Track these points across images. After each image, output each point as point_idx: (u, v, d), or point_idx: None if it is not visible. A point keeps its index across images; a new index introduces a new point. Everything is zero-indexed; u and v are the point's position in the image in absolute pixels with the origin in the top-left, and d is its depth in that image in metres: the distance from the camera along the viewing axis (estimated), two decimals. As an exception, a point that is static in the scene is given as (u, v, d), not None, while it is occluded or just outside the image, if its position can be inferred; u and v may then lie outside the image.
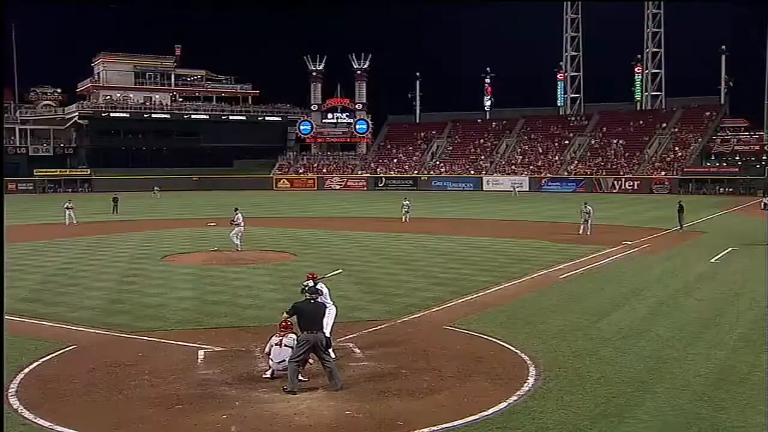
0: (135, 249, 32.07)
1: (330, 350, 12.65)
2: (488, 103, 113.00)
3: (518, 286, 22.09)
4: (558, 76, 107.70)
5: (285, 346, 12.42)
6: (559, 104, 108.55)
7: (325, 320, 12.63)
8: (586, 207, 36.52)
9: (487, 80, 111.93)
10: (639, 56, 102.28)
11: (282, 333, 12.70)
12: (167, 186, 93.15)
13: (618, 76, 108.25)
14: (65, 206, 45.29)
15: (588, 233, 35.24)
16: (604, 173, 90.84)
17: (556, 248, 31.19)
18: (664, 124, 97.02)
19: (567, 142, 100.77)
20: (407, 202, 46.10)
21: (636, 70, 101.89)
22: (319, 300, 12.68)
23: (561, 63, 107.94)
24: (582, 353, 14.08)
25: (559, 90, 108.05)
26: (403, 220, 44.65)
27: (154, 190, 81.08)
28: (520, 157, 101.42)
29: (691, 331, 15.92)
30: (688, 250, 30.36)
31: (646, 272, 24.41)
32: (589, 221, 36.19)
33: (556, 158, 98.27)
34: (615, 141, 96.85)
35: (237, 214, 31.20)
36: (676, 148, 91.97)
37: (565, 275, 23.90)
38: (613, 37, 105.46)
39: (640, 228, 40.31)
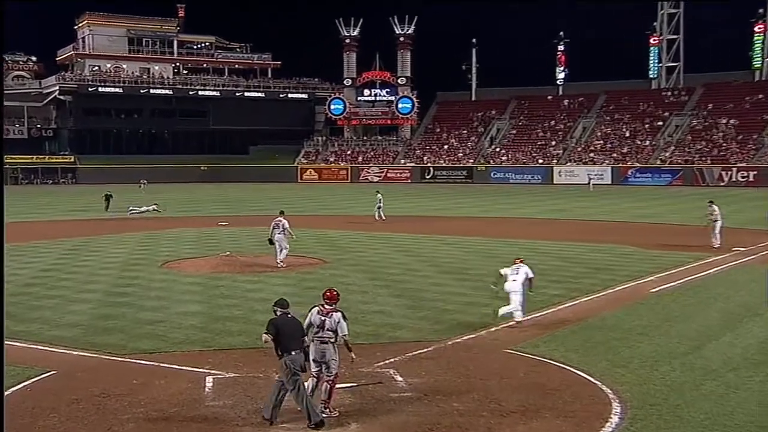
0: (129, 253, 32.48)
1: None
2: (561, 75, 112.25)
3: (598, 301, 21.93)
4: (651, 40, 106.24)
5: (328, 329, 12.34)
6: (651, 75, 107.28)
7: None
8: (711, 207, 33.75)
9: (560, 47, 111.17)
10: (761, 10, 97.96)
11: (327, 310, 12.46)
12: (169, 177, 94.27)
13: (730, 38, 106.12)
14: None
15: (717, 242, 32.68)
16: (708, 162, 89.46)
17: (646, 255, 30.84)
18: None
19: (661, 123, 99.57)
20: (380, 195, 46.14)
21: (756, 29, 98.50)
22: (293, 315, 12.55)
23: (655, 23, 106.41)
24: (680, 387, 13.86)
25: (651, 58, 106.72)
26: (377, 217, 45.06)
27: (141, 184, 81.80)
28: (601, 142, 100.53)
29: (821, 362, 15.55)
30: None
31: (764, 287, 23.93)
32: (717, 226, 33.19)
33: (647, 143, 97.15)
34: (724, 121, 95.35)
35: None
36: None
37: (657, 289, 23.61)
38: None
39: (756, 231, 39.44)
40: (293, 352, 11.89)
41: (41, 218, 46.95)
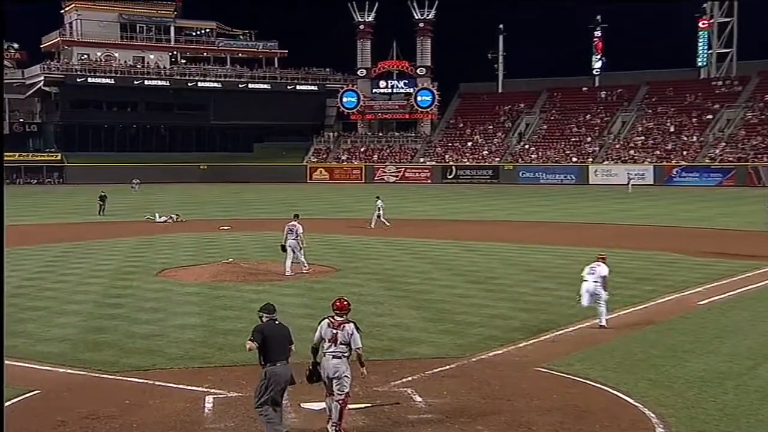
0: (122, 260, 32.61)
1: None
2: (598, 64, 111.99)
3: (639, 314, 21.84)
4: (700, 23, 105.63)
5: (341, 343, 12.33)
6: (700, 64, 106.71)
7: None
8: None
9: (597, 33, 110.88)
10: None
11: (338, 322, 12.42)
12: (166, 177, 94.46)
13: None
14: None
15: None
16: (765, 159, 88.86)
17: (693, 263, 30.77)
18: None
19: (710, 116, 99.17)
20: (380, 202, 45.93)
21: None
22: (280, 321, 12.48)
23: (704, 5, 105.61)
24: (734, 412, 13.76)
25: (700, 43, 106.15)
26: (373, 225, 44.95)
27: (133, 184, 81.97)
28: (642, 138, 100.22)
29: None
30: None
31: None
32: None
33: (694, 139, 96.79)
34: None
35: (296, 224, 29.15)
36: None
37: (705, 301, 23.54)
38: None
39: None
40: (278, 364, 11.89)
41: (25, 221, 47.04)
